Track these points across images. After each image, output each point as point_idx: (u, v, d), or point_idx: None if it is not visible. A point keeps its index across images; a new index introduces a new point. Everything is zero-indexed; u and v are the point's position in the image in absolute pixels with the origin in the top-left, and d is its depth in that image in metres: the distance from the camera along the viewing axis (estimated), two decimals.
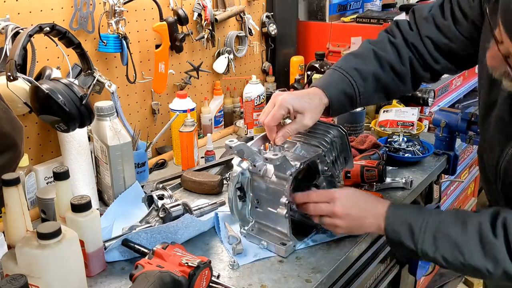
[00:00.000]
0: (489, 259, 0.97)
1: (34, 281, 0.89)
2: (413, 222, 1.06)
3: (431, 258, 1.04)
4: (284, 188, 1.15)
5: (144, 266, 1.00)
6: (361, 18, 2.33)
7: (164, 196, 1.28)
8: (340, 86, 1.21)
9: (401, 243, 1.07)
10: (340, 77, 1.22)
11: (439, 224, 1.04)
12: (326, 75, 1.25)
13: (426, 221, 1.05)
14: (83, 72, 1.36)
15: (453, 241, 1.01)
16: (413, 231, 1.05)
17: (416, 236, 1.05)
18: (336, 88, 1.21)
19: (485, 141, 1.15)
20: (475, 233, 0.99)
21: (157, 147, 1.82)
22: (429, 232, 1.04)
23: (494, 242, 0.97)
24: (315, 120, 1.17)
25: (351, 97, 1.21)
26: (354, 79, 1.21)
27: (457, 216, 1.04)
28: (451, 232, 1.02)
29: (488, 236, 0.98)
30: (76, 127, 1.21)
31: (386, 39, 1.27)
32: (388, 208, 1.11)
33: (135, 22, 1.67)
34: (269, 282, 1.09)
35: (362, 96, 1.22)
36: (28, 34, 1.13)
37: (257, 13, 2.18)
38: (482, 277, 1.03)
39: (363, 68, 1.23)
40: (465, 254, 1.00)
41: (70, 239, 0.93)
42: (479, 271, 0.99)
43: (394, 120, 1.86)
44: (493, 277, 0.99)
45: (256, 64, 2.26)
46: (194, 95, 1.94)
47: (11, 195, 0.99)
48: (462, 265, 1.01)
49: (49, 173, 1.41)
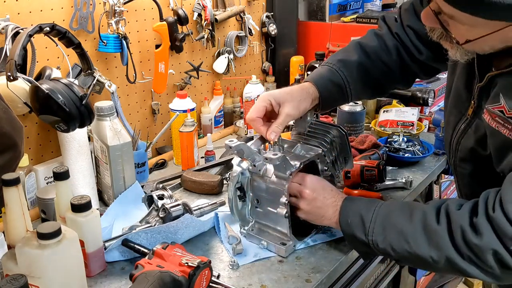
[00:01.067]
0: (433, 247, 0.97)
1: (34, 281, 0.89)
2: (364, 214, 1.07)
3: (382, 249, 1.04)
4: (284, 188, 1.15)
5: (144, 266, 1.00)
6: (361, 18, 2.33)
7: (164, 196, 1.28)
8: (326, 75, 1.22)
9: (354, 235, 1.08)
10: (325, 68, 1.24)
11: (388, 214, 1.05)
12: (314, 71, 1.28)
13: (376, 212, 1.06)
14: (83, 72, 1.36)
15: (399, 230, 1.01)
16: (363, 222, 1.06)
17: (367, 226, 1.05)
18: (322, 77, 1.22)
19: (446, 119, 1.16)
20: (420, 221, 1.00)
21: (157, 147, 1.82)
22: (378, 222, 1.05)
23: (437, 229, 0.97)
24: (297, 109, 1.17)
25: (339, 86, 1.22)
26: (340, 68, 1.22)
27: (405, 206, 1.06)
28: (398, 221, 1.03)
29: (432, 224, 0.98)
30: (76, 127, 1.21)
31: (372, 33, 1.30)
32: (343, 201, 1.13)
33: (135, 22, 1.67)
34: (269, 282, 1.09)
35: (352, 86, 1.23)
36: (28, 34, 1.13)
37: (257, 13, 2.18)
38: (429, 267, 1.02)
39: (347, 58, 1.25)
40: (410, 243, 0.99)
41: (70, 239, 0.93)
42: (424, 260, 0.99)
43: (394, 120, 1.86)
44: (438, 266, 0.98)
45: (256, 64, 2.26)
46: (194, 95, 1.94)
47: (11, 195, 0.99)
48: (409, 254, 1.00)
49: (49, 173, 1.41)
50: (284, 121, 1.16)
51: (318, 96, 1.20)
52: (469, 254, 0.93)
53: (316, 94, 1.20)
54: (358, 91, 1.26)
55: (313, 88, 1.20)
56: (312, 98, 1.20)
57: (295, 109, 1.16)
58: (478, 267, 0.93)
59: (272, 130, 1.15)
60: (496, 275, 0.93)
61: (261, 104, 1.16)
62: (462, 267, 0.94)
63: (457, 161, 1.12)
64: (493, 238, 0.90)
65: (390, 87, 1.35)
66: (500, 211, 0.89)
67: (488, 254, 0.90)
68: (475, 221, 0.92)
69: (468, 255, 0.93)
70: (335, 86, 1.22)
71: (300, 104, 1.17)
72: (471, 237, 0.92)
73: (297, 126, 1.28)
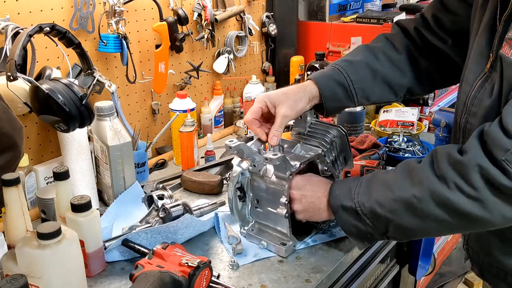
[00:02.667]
0: (415, 184, 0.95)
1: (34, 281, 0.89)
2: (350, 183, 1.08)
3: (369, 210, 1.02)
4: (284, 188, 1.15)
5: (144, 266, 1.00)
6: (361, 18, 2.33)
7: (164, 196, 1.28)
8: (329, 73, 1.20)
9: (341, 205, 1.07)
10: (329, 68, 1.22)
11: (373, 176, 1.07)
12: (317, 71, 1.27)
13: (362, 178, 1.08)
14: (83, 72, 1.36)
15: (383, 181, 1.02)
16: (350, 189, 1.07)
17: (353, 191, 1.05)
18: (324, 75, 1.20)
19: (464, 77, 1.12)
20: (401, 168, 1.01)
21: (157, 147, 1.82)
22: (364, 184, 1.06)
23: (419, 166, 0.96)
24: (293, 109, 1.15)
25: (342, 85, 1.19)
26: (343, 67, 1.20)
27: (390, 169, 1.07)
28: (382, 177, 1.04)
29: (414, 165, 0.98)
30: (76, 127, 1.21)
31: (381, 35, 1.29)
32: (332, 184, 1.14)
33: (135, 22, 1.67)
34: (269, 282, 1.09)
35: (357, 85, 1.19)
36: (28, 34, 1.13)
37: (257, 13, 2.18)
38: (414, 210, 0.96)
39: (352, 59, 1.23)
40: (393, 188, 0.99)
41: (70, 239, 0.93)
42: (409, 202, 0.96)
43: (394, 120, 1.86)
44: (423, 204, 0.94)
45: (256, 64, 2.26)
46: (194, 95, 1.94)
47: (11, 195, 0.99)
48: (393, 202, 0.98)
49: (49, 173, 1.41)
50: (281, 123, 1.14)
51: (318, 95, 1.18)
52: (453, 178, 0.90)
53: (316, 92, 1.17)
54: (364, 91, 1.21)
55: (313, 86, 1.18)
56: (310, 97, 1.17)
57: (291, 110, 1.14)
58: (463, 193, 0.89)
59: (273, 135, 1.14)
60: (483, 201, 0.88)
61: (257, 106, 1.16)
62: (447, 197, 0.91)
63: (468, 118, 1.07)
64: (479, 153, 0.87)
65: (401, 89, 1.27)
66: (497, 125, 0.87)
67: (474, 171, 0.87)
68: (463, 147, 0.91)
69: (452, 180, 0.90)
70: (338, 85, 1.19)
71: (296, 104, 1.15)
72: (455, 156, 0.90)
73: (297, 126, 1.28)
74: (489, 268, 1.15)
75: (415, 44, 1.26)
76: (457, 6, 1.19)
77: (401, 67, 1.24)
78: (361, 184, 1.06)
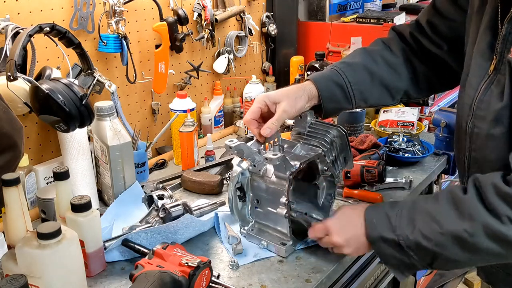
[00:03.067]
0: (464, 218, 0.93)
1: (34, 281, 0.89)
2: (388, 211, 1.04)
3: (413, 243, 0.98)
4: (284, 188, 1.15)
5: (144, 266, 1.00)
6: (361, 18, 2.33)
7: (164, 196, 1.28)
8: (327, 75, 1.20)
9: (381, 237, 1.02)
10: (328, 69, 1.23)
11: (413, 204, 1.03)
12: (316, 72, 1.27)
13: (400, 206, 1.04)
14: (83, 72, 1.35)
15: (427, 212, 0.98)
16: (390, 220, 1.02)
17: (393, 223, 1.01)
18: (322, 76, 1.20)
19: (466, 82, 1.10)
20: (446, 198, 0.97)
21: (157, 147, 1.82)
22: (405, 214, 1.01)
23: (465, 198, 0.93)
24: (293, 107, 1.15)
25: (340, 86, 1.19)
26: (341, 69, 1.21)
27: (428, 195, 1.04)
28: (423, 207, 1.00)
29: (459, 195, 0.95)
30: (76, 127, 1.21)
31: (378, 39, 1.29)
32: (366, 209, 1.09)
33: (135, 22, 1.67)
34: (269, 282, 1.09)
35: (355, 87, 1.20)
36: (28, 34, 1.13)
37: (257, 13, 2.18)
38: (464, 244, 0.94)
39: (351, 61, 1.23)
40: (440, 221, 0.95)
41: (70, 239, 0.93)
42: (459, 237, 0.93)
43: (394, 120, 1.86)
44: (475, 238, 0.92)
45: (256, 64, 2.26)
46: (194, 95, 1.94)
47: (11, 195, 0.99)
48: (441, 235, 0.95)
49: (49, 173, 1.41)
50: (280, 118, 1.13)
51: (316, 95, 1.18)
52: (505, 212, 0.88)
53: (315, 92, 1.18)
54: (362, 93, 1.22)
55: (312, 86, 1.18)
56: (309, 96, 1.17)
57: (291, 107, 1.14)
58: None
59: (267, 126, 1.13)
60: None
61: (256, 106, 1.15)
62: (501, 232, 0.89)
63: (475, 121, 1.06)
64: None
65: (398, 92, 1.27)
66: None
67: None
68: (508, 177, 0.89)
69: (505, 214, 0.88)
70: (336, 86, 1.19)
71: (296, 102, 1.15)
72: (503, 188, 0.88)
73: (297, 126, 1.28)
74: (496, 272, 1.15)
75: (412, 48, 1.26)
76: (452, 12, 1.19)
77: (398, 70, 1.25)
78: (401, 214, 1.01)
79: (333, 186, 1.26)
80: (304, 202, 1.30)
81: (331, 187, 1.26)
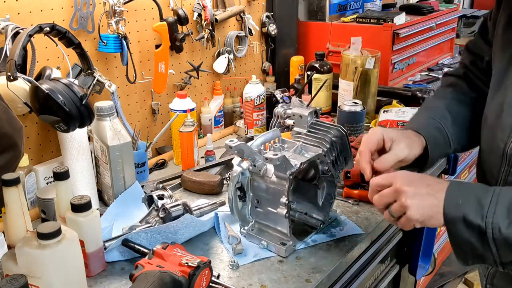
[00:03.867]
0: None
1: (34, 281, 0.89)
2: (480, 195, 0.90)
3: (502, 236, 0.86)
4: (284, 188, 1.15)
5: (144, 266, 1.00)
6: (361, 18, 2.33)
7: (164, 196, 1.28)
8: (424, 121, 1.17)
9: (464, 218, 0.88)
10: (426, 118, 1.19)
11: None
12: None
13: (496, 193, 0.89)
14: (83, 72, 1.36)
15: None
16: (480, 202, 0.88)
17: (486, 208, 0.87)
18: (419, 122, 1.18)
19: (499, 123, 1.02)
20: None
21: (157, 147, 1.82)
22: (501, 204, 0.87)
23: None
24: (411, 148, 1.09)
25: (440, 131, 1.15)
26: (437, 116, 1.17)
27: None
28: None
29: None
30: (76, 127, 1.21)
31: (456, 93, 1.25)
32: (450, 183, 0.95)
33: (135, 22, 1.67)
34: (269, 282, 1.09)
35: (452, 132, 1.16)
36: (28, 34, 1.13)
37: (257, 13, 2.18)
38: None
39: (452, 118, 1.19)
40: None
41: (70, 239, 0.93)
42: None
43: (394, 120, 1.86)
44: None
45: (256, 64, 2.26)
46: (194, 95, 1.94)
47: (11, 195, 0.99)
48: None
49: (49, 173, 1.41)
50: (396, 159, 1.07)
51: (424, 146, 1.12)
52: None
53: (422, 138, 1.12)
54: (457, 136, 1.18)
55: (418, 134, 1.13)
56: (422, 146, 1.12)
57: (409, 148, 1.09)
58: None
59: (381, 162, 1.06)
60: None
61: (374, 137, 1.08)
62: None
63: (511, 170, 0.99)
64: None
65: None
66: None
67: None
68: None
69: None
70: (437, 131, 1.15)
71: (413, 146, 1.10)
72: None
73: (297, 126, 1.28)
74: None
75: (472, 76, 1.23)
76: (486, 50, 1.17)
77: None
78: (496, 202, 0.88)
79: (333, 186, 1.26)
80: (304, 202, 1.30)
81: (331, 187, 1.26)
